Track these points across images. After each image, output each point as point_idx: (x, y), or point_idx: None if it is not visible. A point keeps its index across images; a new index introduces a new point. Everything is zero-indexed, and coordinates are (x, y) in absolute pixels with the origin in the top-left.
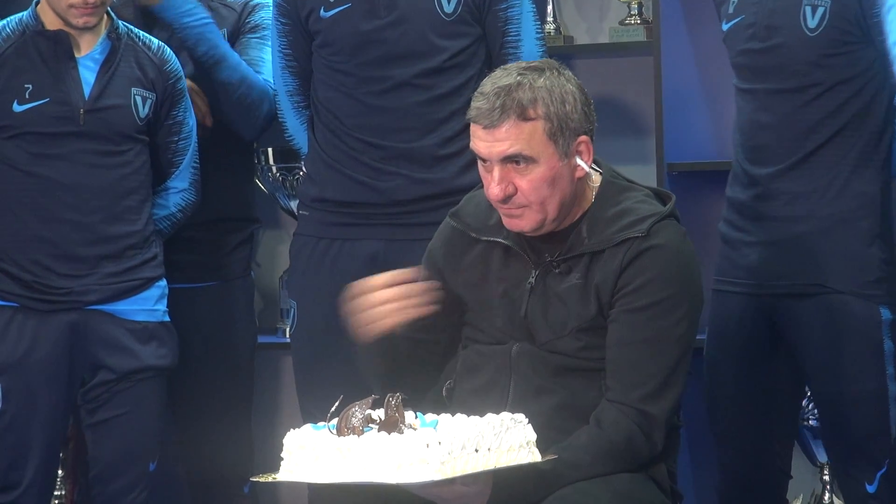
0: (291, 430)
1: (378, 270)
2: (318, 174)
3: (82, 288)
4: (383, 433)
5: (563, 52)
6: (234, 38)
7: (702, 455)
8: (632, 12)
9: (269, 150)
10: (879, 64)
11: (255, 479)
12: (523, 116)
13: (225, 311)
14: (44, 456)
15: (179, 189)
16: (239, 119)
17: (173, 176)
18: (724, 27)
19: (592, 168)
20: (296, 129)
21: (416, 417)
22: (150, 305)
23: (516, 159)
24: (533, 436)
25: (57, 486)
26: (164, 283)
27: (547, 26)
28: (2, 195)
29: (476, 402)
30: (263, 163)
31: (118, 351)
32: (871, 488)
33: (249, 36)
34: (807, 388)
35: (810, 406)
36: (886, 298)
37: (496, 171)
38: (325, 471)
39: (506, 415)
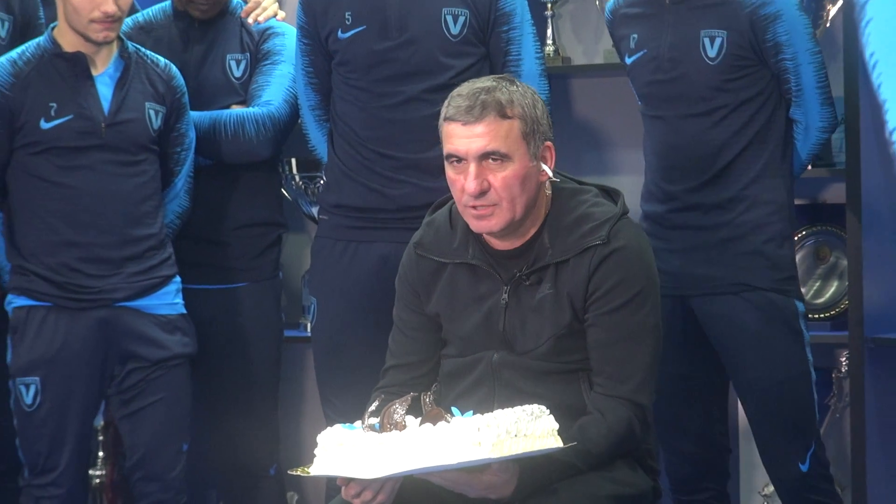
0: (327, 428)
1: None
2: (336, 182)
3: (110, 287)
4: (427, 425)
5: (561, 72)
6: (254, 62)
7: None
8: None
9: (293, 160)
10: (775, 83)
11: (293, 473)
12: (502, 114)
13: (255, 309)
14: (78, 441)
15: (174, 196)
16: (240, 147)
17: (172, 184)
18: (628, 61)
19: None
20: (317, 141)
21: (451, 411)
22: (170, 300)
23: (493, 155)
24: (556, 425)
25: (98, 467)
26: (178, 279)
27: (547, 48)
28: (32, 205)
29: (462, 405)
30: (287, 172)
31: (148, 342)
32: (804, 467)
33: (261, 63)
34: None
35: None
36: (797, 293)
37: (472, 168)
38: (371, 464)
39: (534, 405)
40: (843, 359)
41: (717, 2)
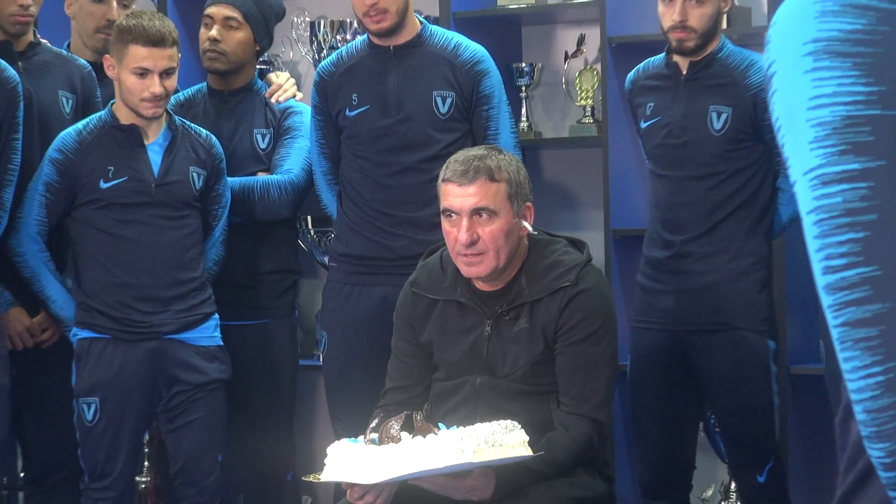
0: (335, 442)
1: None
2: (344, 235)
3: (159, 322)
4: (418, 438)
5: (533, 144)
6: (276, 136)
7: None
8: (586, 114)
9: (308, 217)
10: (766, 156)
11: (306, 479)
12: (492, 178)
13: (275, 342)
14: (130, 452)
15: (212, 245)
16: (265, 207)
17: (211, 235)
18: (643, 125)
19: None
20: (328, 200)
21: (438, 426)
22: (209, 333)
23: (482, 212)
24: (527, 437)
25: (143, 474)
26: (217, 316)
27: (522, 124)
28: (93, 252)
29: (449, 421)
30: (303, 227)
31: (191, 369)
32: (761, 479)
33: (282, 137)
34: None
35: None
36: (771, 333)
37: (464, 222)
38: (372, 472)
39: (508, 421)
40: None
41: (726, 82)
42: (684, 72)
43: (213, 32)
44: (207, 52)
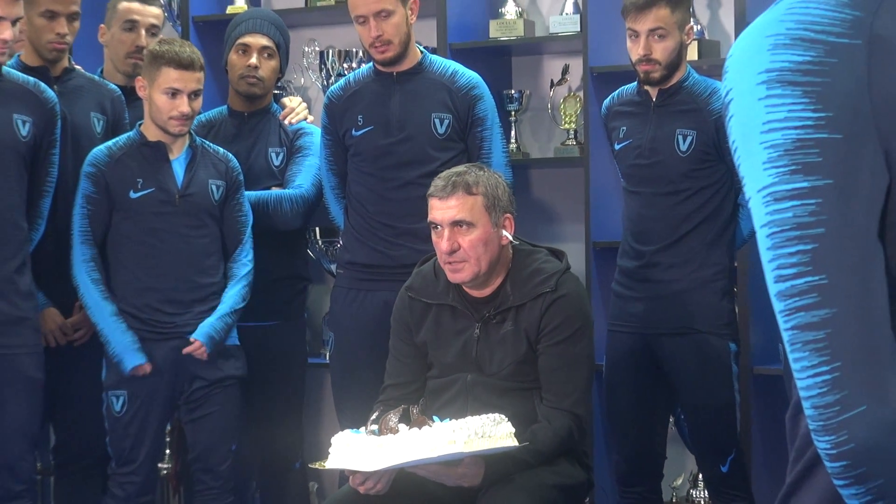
0: (339, 433)
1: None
2: (350, 245)
3: (182, 322)
4: (415, 429)
5: (522, 164)
6: (289, 154)
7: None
8: (570, 137)
9: (317, 228)
10: (728, 175)
11: (312, 466)
12: (469, 192)
13: (285, 342)
14: (154, 440)
15: (246, 250)
16: (278, 219)
17: (242, 243)
18: (616, 147)
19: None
20: (336, 213)
21: (433, 419)
22: None
23: (461, 223)
24: (513, 429)
25: (165, 461)
26: None
27: (511, 145)
28: (122, 259)
29: (442, 415)
30: (312, 237)
31: (209, 366)
32: (724, 469)
33: (294, 155)
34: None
35: None
36: (733, 336)
37: (446, 232)
38: (372, 460)
39: (496, 414)
40: None
41: (691, 108)
42: (654, 99)
43: (254, 60)
44: (246, 77)
